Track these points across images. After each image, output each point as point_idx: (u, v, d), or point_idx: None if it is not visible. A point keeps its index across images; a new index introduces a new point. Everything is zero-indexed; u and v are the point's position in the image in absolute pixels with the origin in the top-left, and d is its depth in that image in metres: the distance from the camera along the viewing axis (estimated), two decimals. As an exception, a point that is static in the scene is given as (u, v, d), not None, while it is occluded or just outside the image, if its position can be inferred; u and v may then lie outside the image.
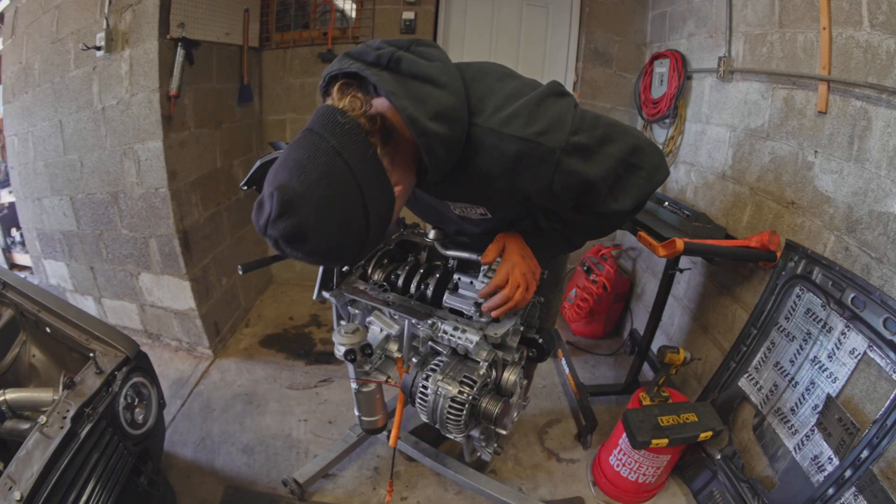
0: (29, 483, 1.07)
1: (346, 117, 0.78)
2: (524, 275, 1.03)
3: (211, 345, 2.56)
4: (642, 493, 1.82)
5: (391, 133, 0.85)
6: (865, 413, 1.32)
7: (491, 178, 0.92)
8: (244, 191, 1.15)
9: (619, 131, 0.96)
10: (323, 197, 0.75)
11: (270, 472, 1.88)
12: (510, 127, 0.87)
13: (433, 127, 0.83)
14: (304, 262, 0.83)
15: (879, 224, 1.34)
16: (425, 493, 1.83)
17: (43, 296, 1.60)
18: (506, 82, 0.94)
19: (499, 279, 1.02)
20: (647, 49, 2.86)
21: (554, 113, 0.89)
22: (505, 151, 0.87)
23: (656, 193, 2.44)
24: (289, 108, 3.05)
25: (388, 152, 0.84)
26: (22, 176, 2.72)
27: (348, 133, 0.77)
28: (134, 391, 1.45)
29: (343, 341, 1.05)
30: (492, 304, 1.03)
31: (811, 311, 1.55)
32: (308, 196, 0.74)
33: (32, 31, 2.42)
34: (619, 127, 0.97)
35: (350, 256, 0.85)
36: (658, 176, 0.99)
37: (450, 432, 1.04)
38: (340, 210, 0.77)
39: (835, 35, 1.49)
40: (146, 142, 2.17)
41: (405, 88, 0.83)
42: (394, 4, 2.81)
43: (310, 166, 0.75)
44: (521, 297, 1.03)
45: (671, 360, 1.81)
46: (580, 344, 2.84)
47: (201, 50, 2.29)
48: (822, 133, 1.56)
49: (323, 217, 0.75)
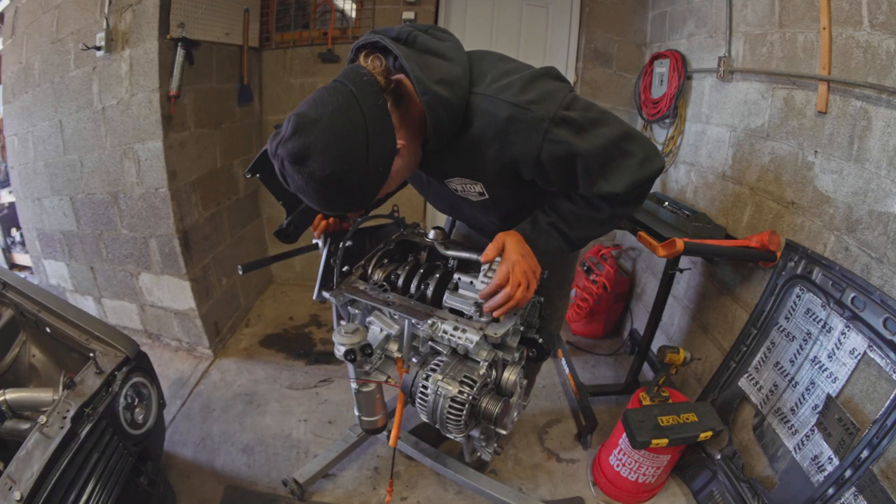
0: (29, 483, 1.07)
1: (365, 71, 0.91)
2: (524, 273, 1.03)
3: (211, 345, 2.56)
4: (642, 493, 1.82)
5: (402, 97, 0.95)
6: (865, 413, 1.32)
7: (484, 144, 0.99)
8: (248, 178, 1.16)
9: (611, 118, 1.00)
10: (332, 125, 0.84)
11: (270, 472, 1.88)
12: (504, 94, 0.94)
13: (437, 89, 0.92)
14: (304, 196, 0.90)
15: (879, 224, 1.34)
16: (425, 493, 1.83)
17: (43, 296, 1.60)
18: (506, 62, 1.03)
19: (500, 278, 1.02)
20: (647, 49, 2.86)
21: (547, 88, 0.96)
22: (497, 115, 0.94)
23: (656, 193, 2.44)
24: (289, 108, 3.00)
25: (398, 112, 0.94)
26: (22, 176, 2.72)
27: (366, 83, 0.89)
28: (134, 391, 1.45)
29: (343, 341, 1.05)
30: (493, 303, 1.04)
31: (811, 311, 1.55)
32: (319, 122, 0.84)
33: (32, 31, 2.43)
34: (613, 115, 1.01)
35: (343, 196, 0.90)
36: (650, 165, 1.01)
37: (450, 432, 1.04)
38: (345, 141, 0.85)
39: (835, 35, 1.49)
40: (146, 142, 2.17)
41: (417, 58, 0.94)
42: (394, 4, 2.81)
43: (327, 101, 0.87)
44: (522, 296, 1.03)
45: (671, 360, 1.81)
46: (580, 344, 2.84)
47: (201, 50, 2.29)
48: (822, 133, 1.56)
49: (328, 143, 0.84)
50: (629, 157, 0.99)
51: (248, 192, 3.03)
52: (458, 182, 1.13)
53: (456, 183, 1.14)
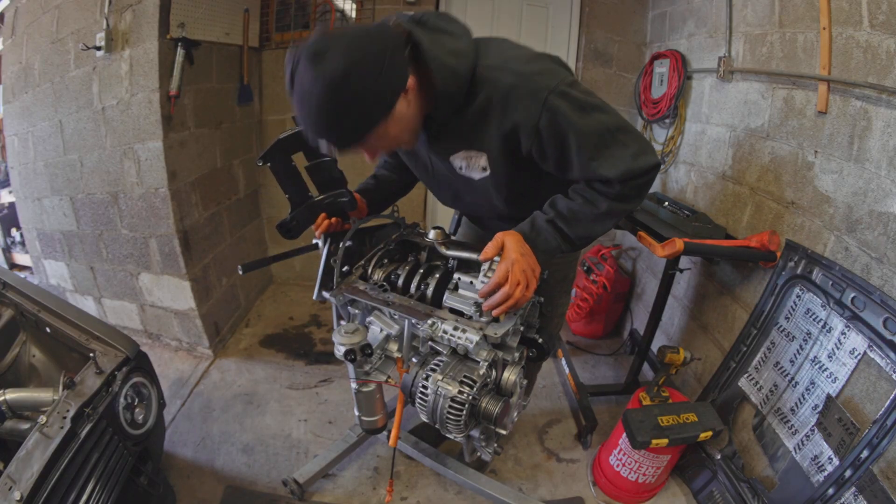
0: (29, 483, 1.07)
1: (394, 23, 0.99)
2: (524, 272, 1.03)
3: (211, 345, 2.56)
4: (642, 493, 1.82)
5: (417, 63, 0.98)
6: (865, 413, 1.32)
7: (489, 112, 1.03)
8: (259, 166, 1.16)
9: (611, 109, 1.03)
10: (356, 39, 0.89)
11: (270, 472, 1.88)
12: (509, 64, 1.01)
13: (445, 58, 0.98)
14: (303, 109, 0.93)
15: (879, 224, 1.34)
16: (425, 493, 1.83)
17: (43, 296, 1.60)
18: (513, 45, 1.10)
19: (499, 276, 1.02)
20: (647, 49, 2.86)
21: (552, 67, 1.02)
22: (501, 82, 0.99)
23: (656, 193, 2.44)
24: (289, 107, 2.97)
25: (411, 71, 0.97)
26: (22, 176, 2.73)
27: (390, 29, 0.96)
28: (134, 391, 1.45)
29: (343, 341, 1.05)
30: (492, 302, 1.03)
31: (811, 311, 1.55)
32: (345, 35, 0.91)
33: (32, 31, 2.43)
34: (612, 108, 1.04)
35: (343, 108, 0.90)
36: (644, 159, 1.03)
37: (450, 432, 1.04)
38: (364, 53, 0.89)
39: (835, 35, 1.49)
40: (146, 142, 2.17)
41: (429, 34, 1.00)
42: (394, 4, 2.81)
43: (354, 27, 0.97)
44: (521, 295, 1.03)
45: (671, 360, 1.81)
46: (580, 344, 2.84)
47: (201, 50, 2.29)
48: (822, 133, 1.56)
49: (349, 47, 0.88)
50: (623, 147, 1.02)
51: (248, 192, 3.03)
52: (463, 156, 1.14)
53: (461, 158, 1.15)
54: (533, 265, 1.07)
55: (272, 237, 3.34)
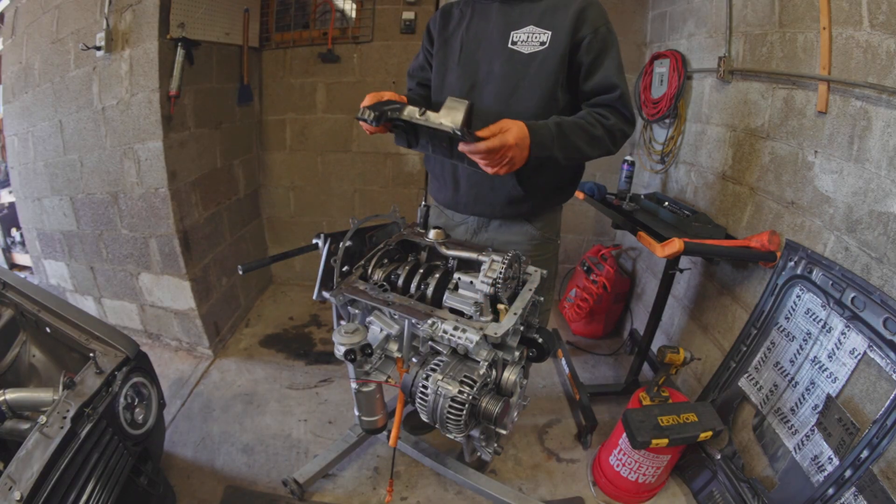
0: (29, 483, 1.07)
1: None
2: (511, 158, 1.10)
3: (211, 345, 2.56)
4: (642, 493, 1.82)
5: None
6: (865, 413, 1.32)
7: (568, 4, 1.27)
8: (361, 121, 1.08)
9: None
10: None
11: (270, 472, 1.88)
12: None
13: None
14: None
15: (879, 224, 1.34)
16: (425, 493, 1.83)
17: (43, 296, 1.60)
18: None
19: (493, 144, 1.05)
20: (647, 49, 2.86)
21: None
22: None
23: (656, 193, 2.44)
24: (289, 108, 3.05)
25: None
26: (22, 176, 2.73)
27: None
28: (134, 391, 1.45)
29: (343, 341, 1.05)
30: (472, 149, 1.06)
31: (811, 311, 1.55)
32: None
33: (32, 31, 2.43)
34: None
35: None
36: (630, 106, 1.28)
37: (450, 432, 1.04)
38: None
39: (835, 35, 1.49)
40: (146, 142, 2.17)
41: None
42: (394, 4, 2.81)
43: None
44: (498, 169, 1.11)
45: (671, 360, 1.81)
46: (580, 344, 2.84)
47: (201, 50, 2.29)
48: (822, 133, 1.56)
49: None
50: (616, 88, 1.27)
51: (247, 192, 3.03)
52: (528, 31, 1.29)
53: (525, 32, 1.30)
54: (520, 160, 1.13)
55: (272, 237, 3.34)
